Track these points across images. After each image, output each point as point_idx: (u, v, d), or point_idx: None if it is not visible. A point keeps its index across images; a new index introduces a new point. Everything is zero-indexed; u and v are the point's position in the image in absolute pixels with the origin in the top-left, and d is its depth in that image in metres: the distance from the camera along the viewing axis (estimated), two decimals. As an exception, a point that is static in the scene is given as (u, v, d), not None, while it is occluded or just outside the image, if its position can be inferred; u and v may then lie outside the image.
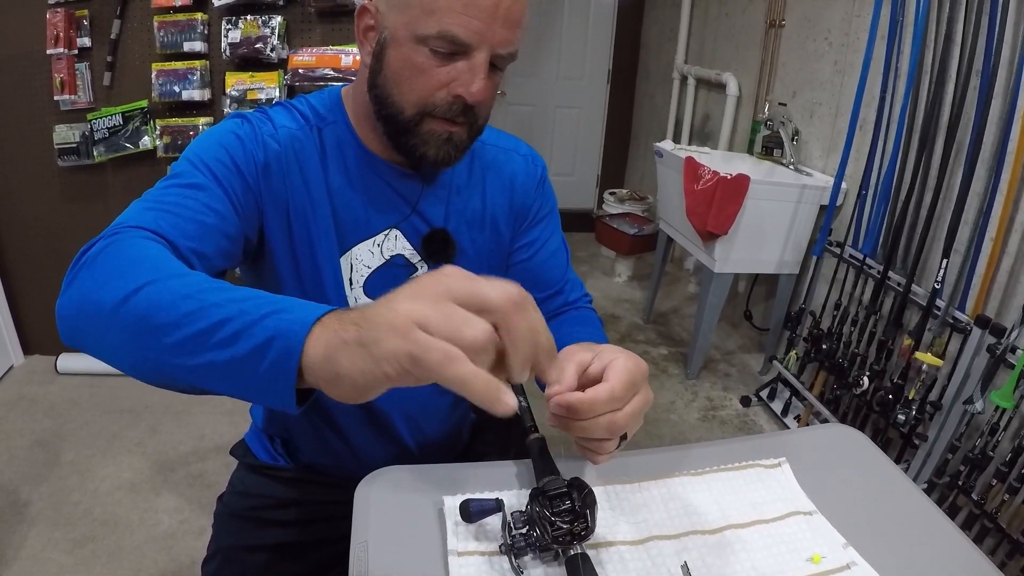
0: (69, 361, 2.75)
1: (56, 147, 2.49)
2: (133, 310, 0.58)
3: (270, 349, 0.52)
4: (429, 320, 0.48)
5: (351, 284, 0.97)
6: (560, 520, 0.67)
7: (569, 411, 0.69)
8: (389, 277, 0.98)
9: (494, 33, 0.79)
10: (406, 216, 0.97)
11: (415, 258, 0.99)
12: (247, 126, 0.88)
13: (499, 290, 0.50)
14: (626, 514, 0.79)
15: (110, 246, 0.67)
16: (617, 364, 0.72)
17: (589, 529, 0.68)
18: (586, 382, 0.73)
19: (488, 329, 0.49)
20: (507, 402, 0.47)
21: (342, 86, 0.98)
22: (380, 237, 0.96)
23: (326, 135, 0.93)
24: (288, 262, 0.93)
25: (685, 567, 0.72)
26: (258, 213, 0.89)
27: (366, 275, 0.97)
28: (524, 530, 0.69)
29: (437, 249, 0.99)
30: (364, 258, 0.96)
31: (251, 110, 0.94)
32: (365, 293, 0.98)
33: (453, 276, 0.51)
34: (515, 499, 0.78)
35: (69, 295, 0.65)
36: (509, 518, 0.70)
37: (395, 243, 0.97)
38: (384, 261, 0.97)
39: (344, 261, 0.95)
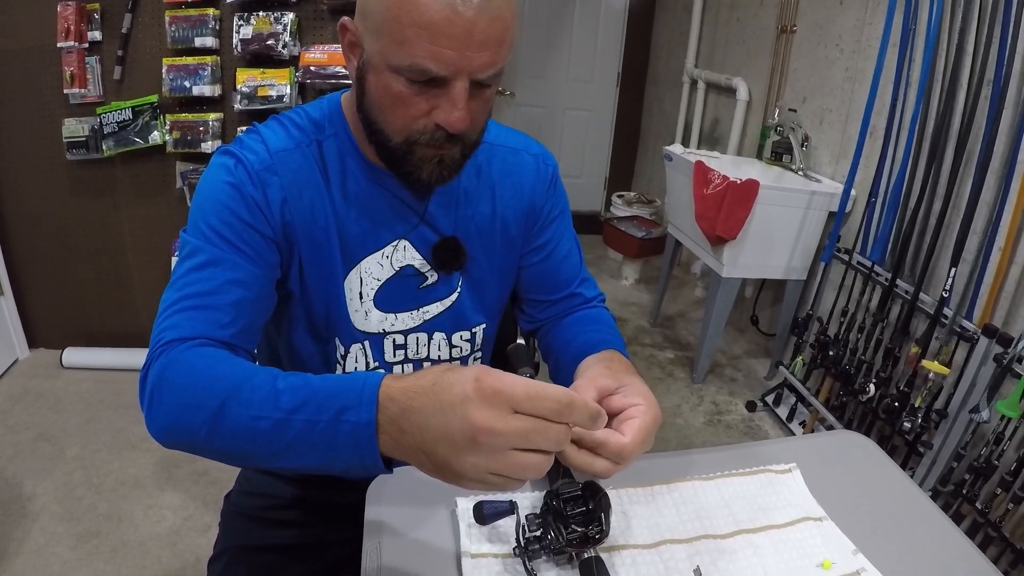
0: (74, 355, 2.76)
1: (65, 141, 2.49)
2: (221, 439, 0.67)
3: (349, 451, 0.62)
4: (500, 471, 0.57)
5: (361, 298, 0.96)
6: (575, 523, 0.67)
7: (580, 444, 0.70)
8: (400, 288, 0.98)
9: (470, 60, 0.74)
10: (414, 226, 0.96)
11: (425, 268, 0.98)
12: (240, 169, 0.85)
13: (549, 442, 0.58)
14: (638, 518, 0.79)
15: (167, 370, 0.73)
16: (635, 422, 0.73)
17: (604, 533, 0.68)
18: (607, 408, 0.74)
19: (547, 461, 0.58)
20: None
21: (341, 93, 0.95)
22: (388, 249, 0.95)
23: (326, 148, 0.91)
24: (296, 281, 0.92)
25: (697, 571, 0.72)
26: (278, 252, 0.88)
27: (376, 288, 0.96)
28: (538, 533, 0.69)
29: (448, 258, 0.98)
30: (373, 271, 0.95)
31: (242, 134, 0.91)
32: (375, 306, 0.97)
33: (512, 421, 0.56)
34: (528, 502, 0.79)
35: (156, 427, 0.72)
36: (523, 520, 0.70)
37: (404, 254, 0.96)
38: (394, 272, 0.96)
39: (353, 275, 0.94)
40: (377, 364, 1.01)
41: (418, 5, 0.71)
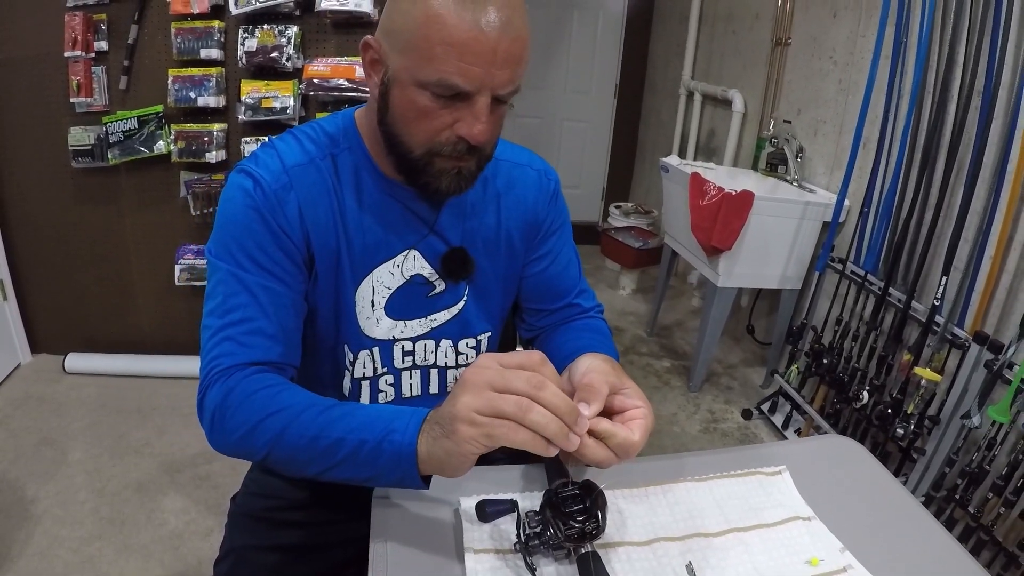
0: (77, 361, 2.78)
1: (70, 149, 2.52)
2: (280, 457, 0.79)
3: (395, 465, 0.72)
4: (481, 407, 0.67)
5: (373, 306, 0.99)
6: (573, 520, 0.70)
7: (591, 433, 0.75)
8: (410, 296, 1.01)
9: (493, 77, 0.79)
10: (424, 236, 0.99)
11: (434, 276, 1.02)
12: (258, 191, 0.88)
13: (523, 378, 0.68)
14: (634, 517, 0.82)
15: (228, 397, 0.82)
16: (640, 422, 0.78)
17: (600, 529, 0.71)
18: (608, 406, 0.79)
19: (518, 401, 0.67)
20: (551, 450, 0.67)
21: (355, 108, 0.99)
22: (399, 258, 0.99)
23: (341, 162, 0.94)
24: (310, 290, 0.96)
25: (689, 567, 0.75)
26: (304, 267, 0.92)
27: (387, 296, 1.00)
28: (537, 529, 0.72)
29: (456, 268, 1.02)
30: (384, 279, 0.99)
31: (258, 150, 0.94)
32: (386, 314, 1.01)
33: (487, 369, 0.69)
34: (528, 500, 0.81)
35: (219, 445, 0.83)
36: (523, 518, 0.73)
37: (414, 263, 1.00)
38: (404, 281, 1.00)
39: (366, 283, 0.98)
40: (386, 370, 1.05)
41: (447, 25, 0.76)
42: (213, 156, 2.46)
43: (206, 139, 2.45)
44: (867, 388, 2.29)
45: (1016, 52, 1.91)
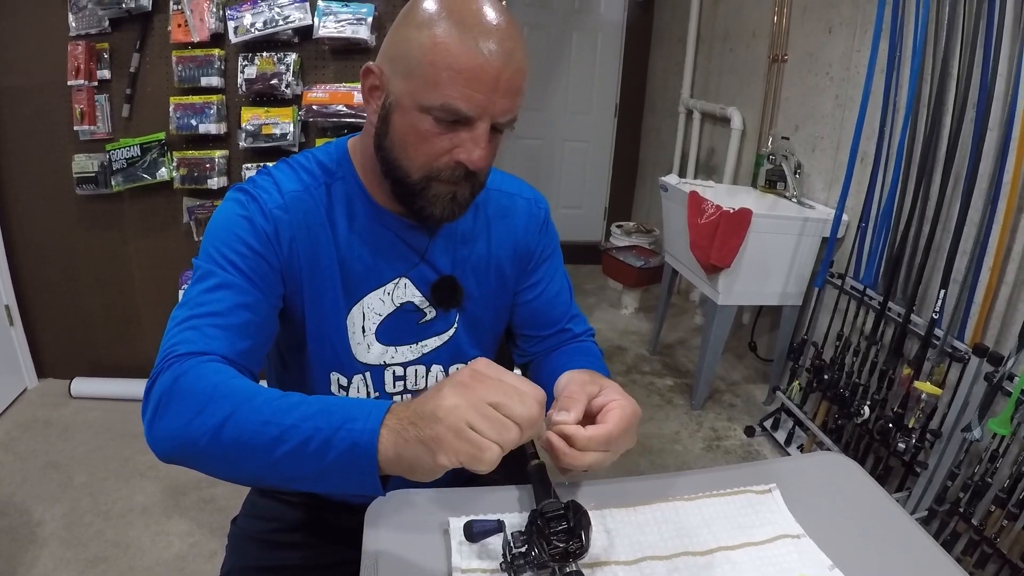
0: (82, 385, 2.80)
1: (74, 176, 2.55)
2: (223, 445, 0.70)
3: (351, 460, 0.66)
4: (476, 424, 0.63)
5: (364, 331, 1.01)
6: (557, 539, 0.71)
7: (568, 441, 0.77)
8: (400, 322, 1.03)
9: (495, 104, 0.82)
10: (415, 265, 1.01)
11: (424, 304, 1.04)
12: (253, 204, 0.91)
13: (523, 409, 0.65)
14: (621, 536, 0.83)
15: (178, 381, 0.75)
16: (615, 412, 0.80)
17: (583, 548, 0.71)
18: (588, 411, 0.81)
19: (519, 432, 0.65)
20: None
21: (348, 138, 1.02)
22: (390, 286, 1.01)
23: (335, 190, 0.97)
24: (300, 316, 0.97)
25: (676, 586, 0.75)
26: (281, 283, 0.93)
27: (377, 322, 1.01)
28: (523, 549, 0.72)
29: (446, 296, 1.03)
30: (375, 306, 1.01)
31: (255, 175, 0.97)
32: (377, 340, 1.02)
33: (489, 380, 0.66)
34: (516, 521, 0.82)
35: (159, 433, 0.75)
36: (509, 538, 0.74)
37: (404, 291, 1.02)
38: (395, 308, 1.02)
39: (356, 310, 1.00)
40: (378, 395, 1.06)
41: (453, 52, 0.79)
42: (215, 182, 2.49)
43: (207, 166, 2.48)
44: (868, 403, 2.28)
45: (1009, 63, 1.92)
